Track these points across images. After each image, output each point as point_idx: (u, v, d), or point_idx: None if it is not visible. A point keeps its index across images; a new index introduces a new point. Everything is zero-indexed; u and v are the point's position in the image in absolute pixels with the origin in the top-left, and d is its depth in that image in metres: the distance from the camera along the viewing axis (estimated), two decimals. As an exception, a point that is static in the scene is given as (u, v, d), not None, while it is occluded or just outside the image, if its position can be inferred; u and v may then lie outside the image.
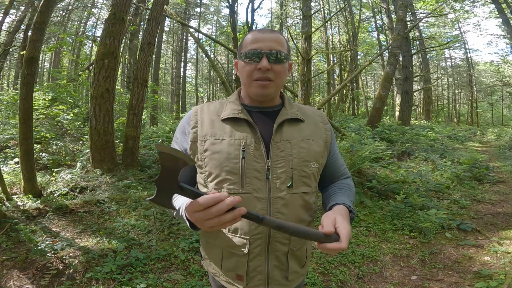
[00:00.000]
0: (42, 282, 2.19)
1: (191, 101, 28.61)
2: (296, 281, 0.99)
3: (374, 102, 10.90)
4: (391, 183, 4.41)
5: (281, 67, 0.91)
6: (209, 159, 0.90)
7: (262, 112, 0.97)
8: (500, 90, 23.79)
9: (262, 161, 0.89)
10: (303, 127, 0.97)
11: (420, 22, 14.62)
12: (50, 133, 5.51)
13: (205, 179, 0.92)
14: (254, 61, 0.90)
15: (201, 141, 0.92)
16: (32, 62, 3.56)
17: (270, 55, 0.89)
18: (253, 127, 0.92)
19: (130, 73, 10.54)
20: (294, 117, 0.96)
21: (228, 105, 0.97)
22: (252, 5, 9.70)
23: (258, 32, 0.93)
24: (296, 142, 0.93)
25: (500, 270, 2.52)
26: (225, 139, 0.90)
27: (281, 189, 0.89)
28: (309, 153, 0.93)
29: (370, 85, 31.04)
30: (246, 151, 0.89)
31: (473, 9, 16.28)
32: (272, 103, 0.99)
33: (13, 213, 3.20)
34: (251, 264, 0.92)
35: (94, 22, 18.84)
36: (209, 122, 0.94)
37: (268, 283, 0.94)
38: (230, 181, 0.88)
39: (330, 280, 2.48)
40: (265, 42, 0.90)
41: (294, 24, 21.77)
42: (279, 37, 0.93)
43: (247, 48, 0.91)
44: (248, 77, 0.92)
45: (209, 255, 1.01)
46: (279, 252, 0.92)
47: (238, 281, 0.94)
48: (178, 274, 2.44)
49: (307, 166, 0.92)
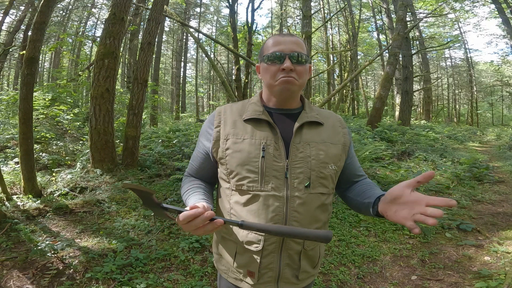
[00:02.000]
0: (42, 282, 2.19)
1: (191, 101, 28.63)
2: (306, 281, 1.01)
3: (374, 102, 10.90)
4: (391, 183, 4.41)
5: (303, 68, 0.95)
6: (230, 157, 0.94)
7: (282, 114, 1.00)
8: (500, 90, 23.80)
9: (282, 161, 0.92)
10: (322, 130, 1.00)
11: (420, 22, 14.62)
12: (50, 133, 5.50)
13: (228, 175, 0.96)
14: (278, 63, 0.94)
15: (224, 140, 0.95)
16: (32, 62, 3.56)
17: (292, 57, 0.93)
18: (273, 128, 0.95)
19: (130, 73, 10.53)
20: (314, 120, 0.99)
21: (250, 106, 1.00)
22: (252, 5, 9.70)
23: (279, 36, 0.98)
24: (315, 144, 0.96)
25: (500, 270, 2.52)
26: (247, 138, 0.94)
27: (299, 188, 0.92)
28: (327, 155, 0.96)
29: (370, 85, 31.04)
30: (266, 151, 0.92)
31: (473, 9, 16.30)
32: (292, 105, 1.02)
33: (13, 213, 3.20)
34: (264, 260, 0.94)
35: (94, 22, 18.86)
36: (231, 122, 0.98)
37: (278, 281, 0.96)
38: (250, 179, 0.91)
39: (330, 280, 2.48)
40: (286, 44, 0.94)
41: (294, 24, 21.76)
42: (299, 40, 0.98)
43: (270, 51, 0.95)
44: (271, 78, 0.95)
45: (222, 251, 1.03)
46: (292, 250, 0.95)
47: (249, 277, 0.96)
48: (178, 274, 2.44)
49: (325, 167, 0.95)
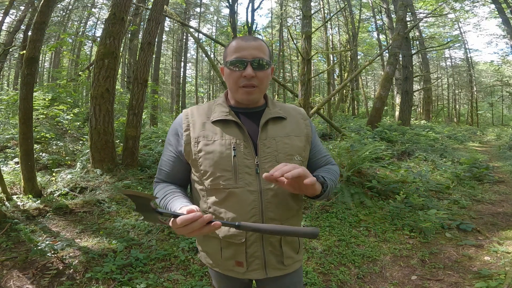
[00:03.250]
0: (42, 282, 2.19)
1: (191, 101, 28.60)
2: (293, 266, 1.07)
3: (374, 102, 10.89)
4: (391, 183, 4.41)
5: (264, 73, 0.99)
6: (203, 159, 0.97)
7: (248, 113, 1.05)
8: (500, 90, 23.79)
9: (252, 158, 0.97)
10: (286, 124, 1.05)
11: (420, 22, 14.62)
12: (50, 133, 5.50)
13: (201, 177, 0.99)
14: (239, 69, 0.97)
15: (195, 143, 0.99)
16: (32, 62, 3.56)
17: (254, 63, 0.96)
18: (241, 127, 0.99)
19: (130, 73, 10.53)
20: (277, 116, 1.05)
21: (217, 107, 1.04)
22: (252, 5, 9.69)
23: (241, 40, 0.99)
24: (280, 139, 1.01)
25: (500, 270, 2.52)
26: (217, 140, 0.98)
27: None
28: (292, 148, 1.02)
29: (370, 85, 31.03)
30: (237, 150, 0.97)
31: (473, 9, 16.29)
32: (256, 104, 1.06)
33: (13, 213, 3.20)
34: (249, 250, 1.00)
35: (94, 22, 18.84)
36: (200, 124, 1.01)
37: (266, 267, 1.02)
38: (224, 178, 0.96)
39: (330, 280, 2.48)
40: (248, 50, 0.96)
41: (294, 24, 21.78)
42: (261, 44, 1.00)
43: (232, 57, 0.98)
44: (234, 83, 0.99)
45: (207, 248, 1.08)
46: (273, 238, 1.01)
47: (238, 267, 1.02)
48: (178, 274, 2.44)
49: (291, 159, 1.00)
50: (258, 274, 1.02)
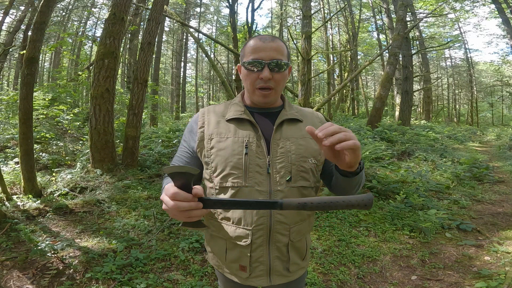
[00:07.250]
0: (42, 282, 2.19)
1: (191, 101, 28.60)
2: (297, 273, 1.04)
3: (374, 102, 10.89)
4: (391, 183, 4.41)
5: (281, 75, 0.97)
6: (215, 155, 0.97)
7: (263, 113, 1.04)
8: (500, 90, 23.78)
9: (263, 157, 0.96)
10: (302, 127, 1.03)
11: (420, 22, 14.62)
12: (50, 133, 5.50)
13: (211, 174, 0.98)
14: (257, 71, 0.95)
15: (208, 140, 0.99)
16: (32, 62, 3.56)
17: (271, 65, 0.94)
18: (255, 126, 0.99)
19: (130, 73, 10.53)
20: (293, 117, 1.03)
21: (232, 106, 1.04)
22: (252, 5, 9.69)
23: (259, 41, 0.97)
24: (294, 140, 0.99)
25: (500, 270, 2.52)
26: (230, 137, 0.97)
27: (281, 182, 0.95)
28: (306, 150, 0.99)
29: (370, 85, 31.02)
30: (249, 148, 0.95)
31: (473, 9, 16.27)
32: (273, 105, 1.05)
33: (13, 213, 3.20)
34: (254, 254, 0.97)
35: (94, 22, 18.83)
36: (215, 122, 1.01)
37: (270, 274, 0.99)
38: (234, 175, 0.95)
39: (330, 280, 2.48)
40: (266, 51, 0.94)
41: (294, 24, 21.77)
42: (279, 45, 0.97)
43: (249, 58, 0.96)
44: (251, 85, 0.98)
45: (214, 248, 1.07)
46: (280, 243, 0.98)
47: (241, 272, 0.99)
48: (178, 274, 2.44)
49: (305, 161, 0.98)
50: (261, 281, 0.99)
